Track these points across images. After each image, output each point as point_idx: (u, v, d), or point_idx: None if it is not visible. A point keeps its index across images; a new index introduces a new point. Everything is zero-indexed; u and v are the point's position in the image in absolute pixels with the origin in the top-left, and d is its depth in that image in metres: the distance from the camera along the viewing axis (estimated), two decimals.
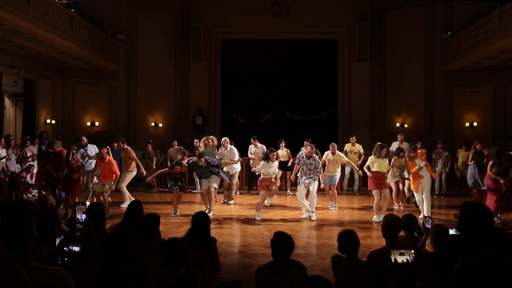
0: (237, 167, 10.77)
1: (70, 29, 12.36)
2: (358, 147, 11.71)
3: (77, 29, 12.81)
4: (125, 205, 9.22)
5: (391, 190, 9.51)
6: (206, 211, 9.03)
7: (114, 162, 9.16)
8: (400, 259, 2.50)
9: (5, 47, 11.98)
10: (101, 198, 8.89)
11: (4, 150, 10.53)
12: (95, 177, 9.41)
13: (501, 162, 8.41)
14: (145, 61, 16.25)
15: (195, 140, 11.91)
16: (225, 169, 10.25)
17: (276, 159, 9.13)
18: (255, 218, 8.51)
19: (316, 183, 8.76)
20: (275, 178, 9.12)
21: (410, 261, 2.50)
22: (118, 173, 9.21)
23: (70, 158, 9.02)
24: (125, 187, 9.92)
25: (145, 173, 11.12)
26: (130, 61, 16.27)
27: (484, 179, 8.92)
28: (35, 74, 13.85)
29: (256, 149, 11.47)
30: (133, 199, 9.21)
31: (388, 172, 9.05)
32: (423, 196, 8.56)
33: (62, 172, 9.24)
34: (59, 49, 12.56)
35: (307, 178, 8.61)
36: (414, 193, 8.86)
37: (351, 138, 11.85)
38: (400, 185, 9.95)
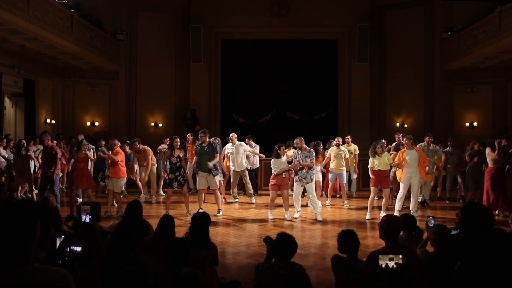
0: (245, 164, 10.66)
1: (70, 29, 12.37)
2: (353, 148, 11.05)
3: (77, 29, 12.82)
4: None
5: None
6: (201, 210, 8.84)
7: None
8: (390, 264, 2.44)
9: (5, 47, 11.99)
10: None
11: (4, 150, 10.49)
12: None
13: (499, 152, 8.70)
14: (145, 61, 16.26)
15: (187, 136, 11.40)
16: (232, 167, 10.49)
17: (283, 156, 8.62)
18: (268, 217, 8.51)
19: (313, 183, 8.56)
20: (287, 173, 8.52)
21: (401, 264, 2.43)
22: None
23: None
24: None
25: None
26: (130, 61, 16.28)
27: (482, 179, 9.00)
28: (35, 74, 13.85)
29: (250, 148, 11.38)
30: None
31: (390, 168, 8.95)
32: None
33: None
34: (59, 49, 12.57)
35: (303, 176, 8.35)
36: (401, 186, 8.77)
37: (346, 138, 11.08)
38: None
